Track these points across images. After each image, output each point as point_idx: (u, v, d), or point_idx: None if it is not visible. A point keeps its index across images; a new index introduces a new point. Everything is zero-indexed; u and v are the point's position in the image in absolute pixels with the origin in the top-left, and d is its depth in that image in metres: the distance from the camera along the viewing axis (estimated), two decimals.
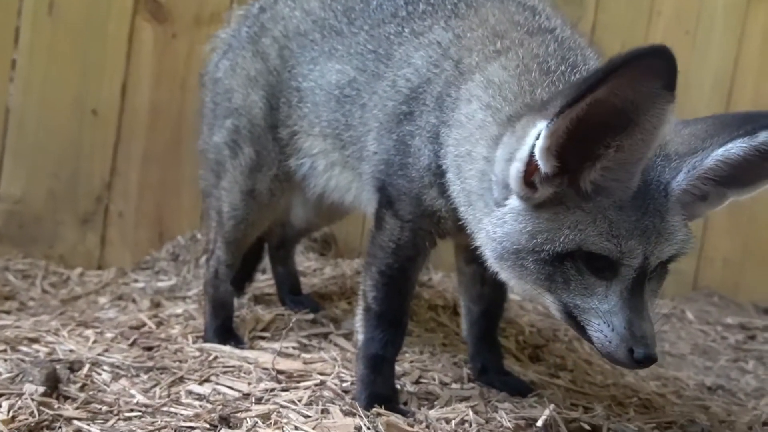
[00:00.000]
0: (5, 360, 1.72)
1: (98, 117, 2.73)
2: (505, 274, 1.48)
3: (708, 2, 3.18)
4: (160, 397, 1.64)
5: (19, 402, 1.49)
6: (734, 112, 1.56)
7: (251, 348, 1.99)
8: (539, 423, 1.53)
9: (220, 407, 1.56)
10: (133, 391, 1.64)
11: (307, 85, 1.90)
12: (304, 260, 2.76)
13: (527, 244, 1.39)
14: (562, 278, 1.39)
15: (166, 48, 2.75)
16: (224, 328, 2.07)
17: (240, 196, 2.04)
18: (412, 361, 1.94)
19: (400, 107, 1.67)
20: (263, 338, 2.09)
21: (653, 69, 1.17)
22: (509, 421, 1.60)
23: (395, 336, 1.72)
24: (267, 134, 2.00)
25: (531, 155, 1.32)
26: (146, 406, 1.58)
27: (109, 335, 2.00)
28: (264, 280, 2.55)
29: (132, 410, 1.54)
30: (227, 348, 1.94)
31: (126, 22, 2.71)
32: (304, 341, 2.05)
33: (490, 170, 1.45)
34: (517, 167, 1.36)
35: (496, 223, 1.43)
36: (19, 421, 1.43)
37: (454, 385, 1.83)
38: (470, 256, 1.82)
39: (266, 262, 2.52)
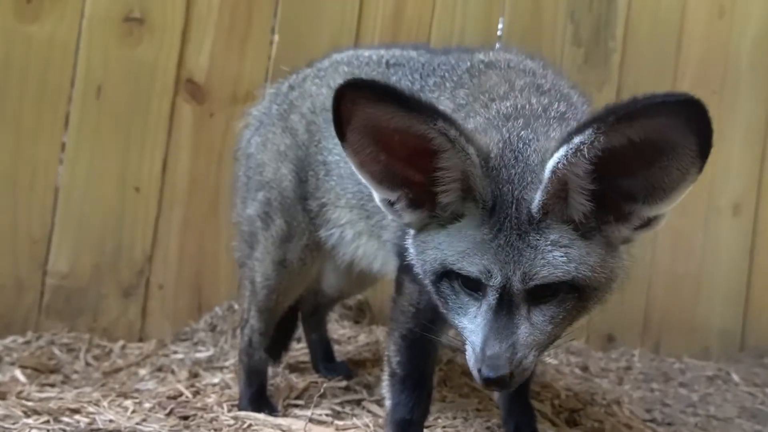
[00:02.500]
0: (48, 431, 1.79)
1: (140, 193, 2.84)
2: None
3: (732, 60, 3.22)
4: None
5: None
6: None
7: (285, 416, 2.01)
8: None
9: None
10: None
11: (333, 159, 1.96)
12: (339, 328, 2.78)
13: (418, 266, 1.48)
14: (443, 298, 1.45)
15: (203, 125, 2.89)
16: (258, 396, 2.10)
17: (272, 266, 2.09)
18: (444, 427, 1.93)
19: None
20: (297, 406, 2.10)
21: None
22: None
23: (421, 399, 1.73)
24: (297, 205, 2.05)
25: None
26: None
27: (147, 405, 2.03)
28: (298, 349, 2.58)
29: None
30: (261, 416, 1.95)
31: (167, 102, 2.85)
32: (337, 408, 2.06)
33: None
34: (376, 198, 1.47)
35: (408, 254, 1.52)
36: None
37: None
38: None
39: (301, 330, 2.55)
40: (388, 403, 1.76)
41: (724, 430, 2.44)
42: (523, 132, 1.44)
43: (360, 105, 1.31)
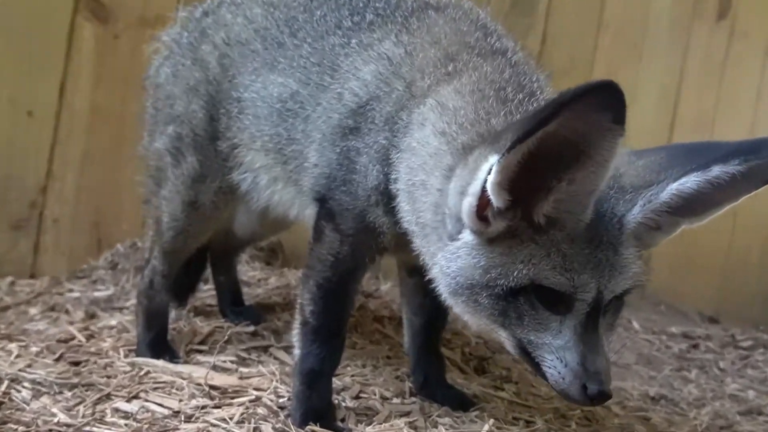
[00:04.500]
0: None
1: (33, 117, 2.62)
2: (459, 309, 1.47)
3: (654, 16, 3.25)
4: (83, 416, 1.56)
5: None
6: (685, 143, 1.53)
7: (186, 362, 1.93)
8: None
9: (146, 426, 1.51)
10: (54, 410, 1.56)
11: (249, 96, 1.85)
12: (249, 270, 2.69)
13: (481, 279, 1.38)
14: (516, 313, 1.38)
15: (107, 48, 2.66)
16: (158, 341, 2.02)
17: (181, 207, 1.99)
18: (353, 375, 1.89)
19: (345, 121, 1.64)
20: (200, 352, 2.03)
21: (603, 103, 1.17)
22: None
23: (333, 351, 1.69)
24: (209, 145, 1.95)
25: (483, 189, 1.31)
26: (67, 425, 1.51)
27: (34, 349, 1.91)
28: (205, 290, 2.49)
29: (51, 430, 1.48)
30: (160, 362, 1.88)
31: (65, 20, 2.61)
32: (243, 355, 2.00)
33: (444, 203, 1.44)
34: (469, 202, 1.35)
35: (450, 258, 1.42)
36: None
37: (395, 400, 1.80)
38: (413, 267, 1.81)
39: (209, 272, 2.45)
40: (297, 352, 1.71)
41: (622, 376, 2.53)
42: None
43: (590, 113, 1.17)
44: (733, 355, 2.97)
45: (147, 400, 1.65)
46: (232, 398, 1.70)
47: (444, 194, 1.44)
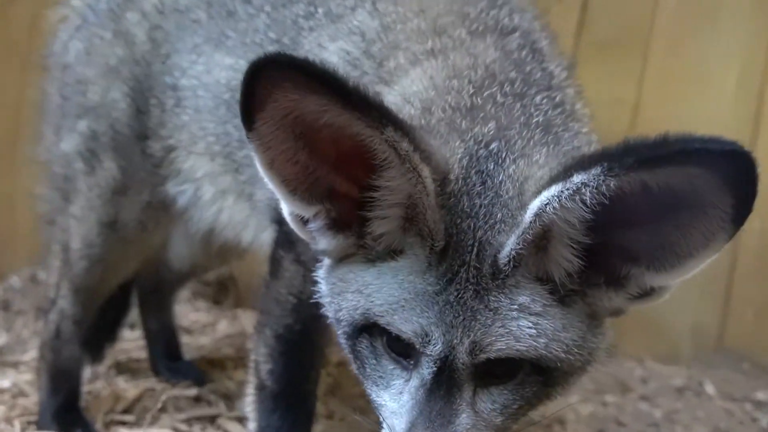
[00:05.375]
0: None
1: None
2: None
3: None
4: None
5: None
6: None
7: None
8: None
9: None
10: None
11: (188, 84, 1.90)
12: (190, 311, 2.80)
13: (329, 309, 1.45)
14: (359, 360, 1.42)
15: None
16: (67, 410, 2.04)
17: (97, 228, 2.02)
18: None
19: None
20: (124, 423, 2.09)
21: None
22: None
23: (298, 423, 1.71)
24: (135, 146, 1.99)
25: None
26: None
27: None
28: (131, 340, 2.53)
29: None
30: None
31: None
32: (182, 428, 2.05)
33: None
34: (283, 210, 1.41)
35: (318, 288, 1.48)
36: None
37: None
38: None
39: (135, 314, 2.51)
40: (252, 425, 1.74)
41: None
42: (494, 144, 1.39)
43: (283, 89, 1.24)
44: None
45: None
46: None
47: None
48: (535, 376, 1.36)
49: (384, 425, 1.40)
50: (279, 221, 1.73)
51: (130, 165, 1.99)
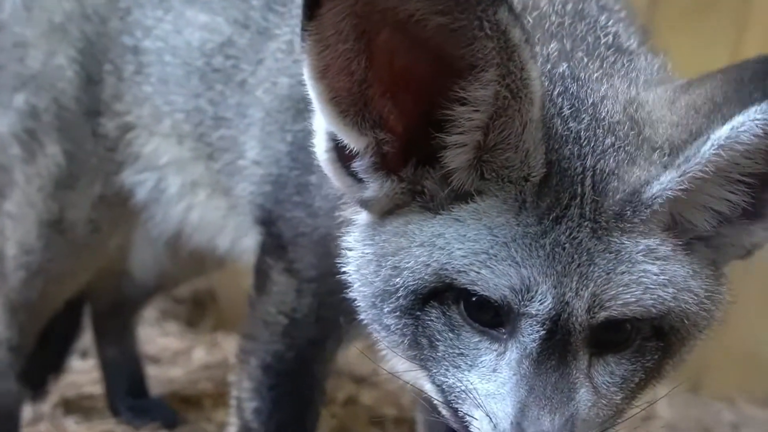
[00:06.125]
0: None
1: None
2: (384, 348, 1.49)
3: None
4: None
5: None
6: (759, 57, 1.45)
7: None
8: None
9: None
10: None
11: (152, 46, 1.91)
12: (158, 335, 2.75)
13: (374, 279, 1.39)
14: (427, 338, 1.37)
15: None
16: None
17: (36, 230, 2.05)
18: None
19: (300, 90, 1.62)
20: None
21: None
22: None
23: None
24: (84, 124, 2.00)
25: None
26: None
27: None
28: (82, 372, 2.54)
29: None
30: None
31: None
32: None
33: None
34: (319, 146, 1.38)
35: (348, 258, 1.45)
36: None
37: None
38: None
39: (88, 339, 2.53)
40: None
41: None
42: (566, 66, 1.42)
43: None
44: None
45: None
46: None
47: None
48: (655, 342, 1.38)
49: (474, 423, 1.35)
50: (266, 222, 1.74)
51: (79, 150, 2.00)
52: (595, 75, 1.42)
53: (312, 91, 1.30)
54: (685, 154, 1.32)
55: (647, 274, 1.32)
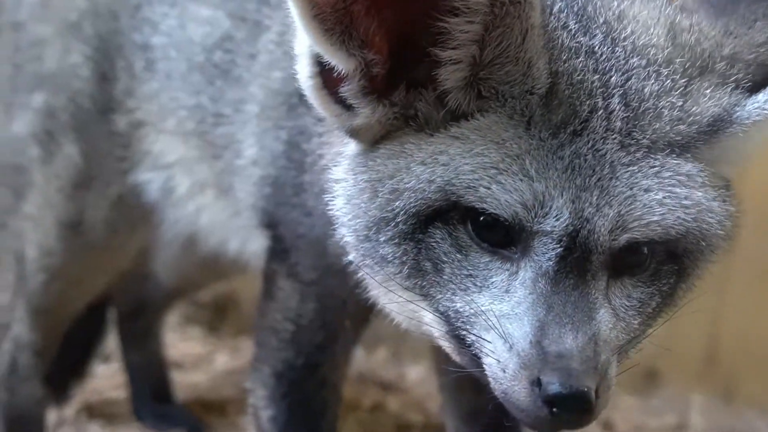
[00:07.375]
0: None
1: None
2: (373, 287, 1.46)
3: None
4: None
5: None
6: None
7: None
8: None
9: None
10: None
11: (159, 42, 1.91)
12: (181, 341, 2.76)
13: (370, 206, 1.35)
14: (432, 263, 1.33)
15: None
16: None
17: (56, 231, 2.03)
18: None
19: (293, 84, 1.56)
20: None
21: None
22: None
23: None
24: (99, 123, 1.99)
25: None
26: None
27: None
28: (106, 377, 2.54)
29: None
30: None
31: None
32: None
33: None
34: (302, 72, 1.33)
35: (337, 191, 1.41)
36: None
37: None
38: None
39: (112, 343, 2.54)
40: None
41: None
42: None
43: None
44: None
45: None
46: None
47: None
48: (670, 265, 1.37)
49: (486, 346, 1.30)
50: (269, 224, 1.73)
51: (95, 149, 2.00)
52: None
53: (294, 8, 1.26)
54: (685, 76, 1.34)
55: (672, 195, 1.30)
